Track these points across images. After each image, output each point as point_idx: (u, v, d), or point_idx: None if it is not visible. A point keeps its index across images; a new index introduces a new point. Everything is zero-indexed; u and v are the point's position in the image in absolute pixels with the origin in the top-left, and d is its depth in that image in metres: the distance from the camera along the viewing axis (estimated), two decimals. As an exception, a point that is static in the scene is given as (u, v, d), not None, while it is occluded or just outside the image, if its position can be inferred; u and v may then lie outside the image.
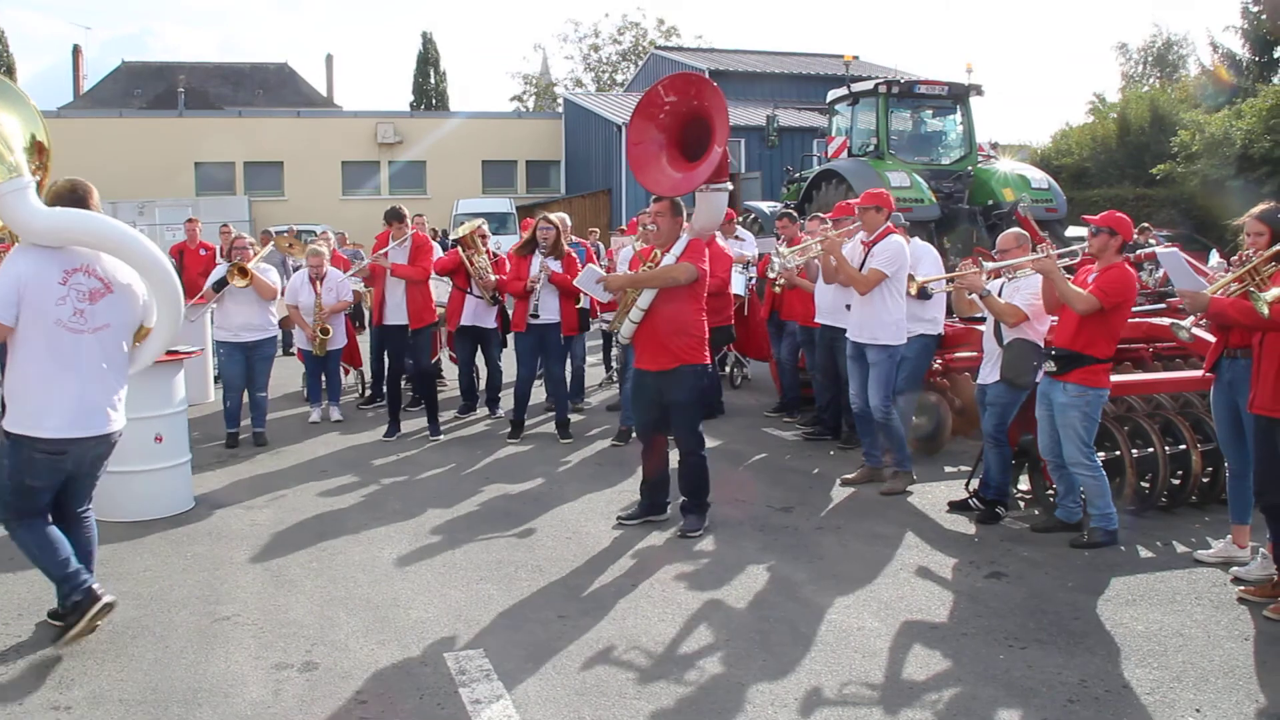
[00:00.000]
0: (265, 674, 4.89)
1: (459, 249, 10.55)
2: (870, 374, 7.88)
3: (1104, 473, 6.67)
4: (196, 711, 4.53)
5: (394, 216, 9.92)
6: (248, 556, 6.61)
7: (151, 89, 52.08)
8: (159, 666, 4.97)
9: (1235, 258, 6.00)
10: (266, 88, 56.74)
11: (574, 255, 10.02)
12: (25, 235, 4.96)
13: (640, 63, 47.74)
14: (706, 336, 7.05)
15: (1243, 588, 5.81)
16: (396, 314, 9.84)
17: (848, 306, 8.18)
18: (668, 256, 6.78)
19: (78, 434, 5.02)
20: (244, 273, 9.53)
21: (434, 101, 57.52)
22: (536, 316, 9.63)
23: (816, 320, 9.22)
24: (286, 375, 13.15)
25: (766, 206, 19.37)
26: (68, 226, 4.95)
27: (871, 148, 17.42)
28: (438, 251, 11.91)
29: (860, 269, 7.84)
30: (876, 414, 7.88)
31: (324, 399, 10.98)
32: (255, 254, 9.89)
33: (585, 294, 9.29)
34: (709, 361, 7.08)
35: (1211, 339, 6.29)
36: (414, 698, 4.64)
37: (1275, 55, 30.99)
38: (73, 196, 5.06)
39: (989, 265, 7.01)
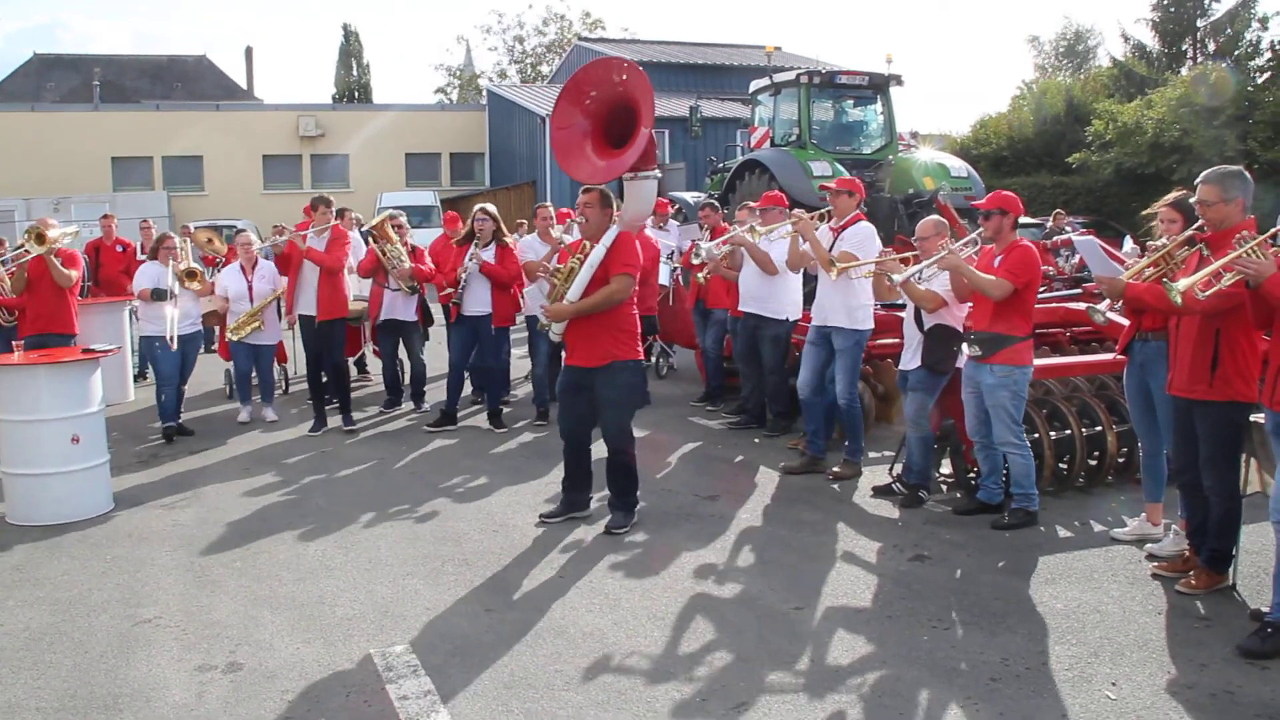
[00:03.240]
0: (188, 676, 4.82)
1: (373, 242, 10.46)
2: (838, 361, 7.92)
3: (1031, 452, 6.80)
4: (117, 717, 4.46)
5: (320, 202, 9.84)
6: (169, 557, 6.51)
7: (65, 82, 50.78)
8: (78, 673, 4.88)
9: (1149, 244, 6.13)
10: (185, 80, 55.56)
11: (510, 248, 9.94)
12: None
13: (564, 54, 47.52)
14: (639, 331, 7.00)
15: (1156, 564, 5.97)
16: (309, 305, 9.75)
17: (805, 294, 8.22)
18: (596, 249, 6.65)
19: None
20: (193, 275, 9.95)
21: (357, 94, 56.82)
22: (458, 304, 9.69)
23: (740, 308, 9.27)
24: (207, 373, 12.93)
25: (690, 197, 19.41)
26: None
27: (794, 137, 17.52)
28: (359, 244, 11.79)
29: (830, 253, 7.85)
30: (842, 400, 7.94)
31: (255, 397, 10.78)
32: (184, 254, 9.99)
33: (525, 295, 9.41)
34: (641, 357, 7.01)
35: (1125, 322, 6.43)
36: (340, 695, 4.61)
37: (1183, 47, 31.71)
38: None
39: (896, 279, 7.01)
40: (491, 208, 9.99)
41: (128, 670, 4.90)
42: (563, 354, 7.31)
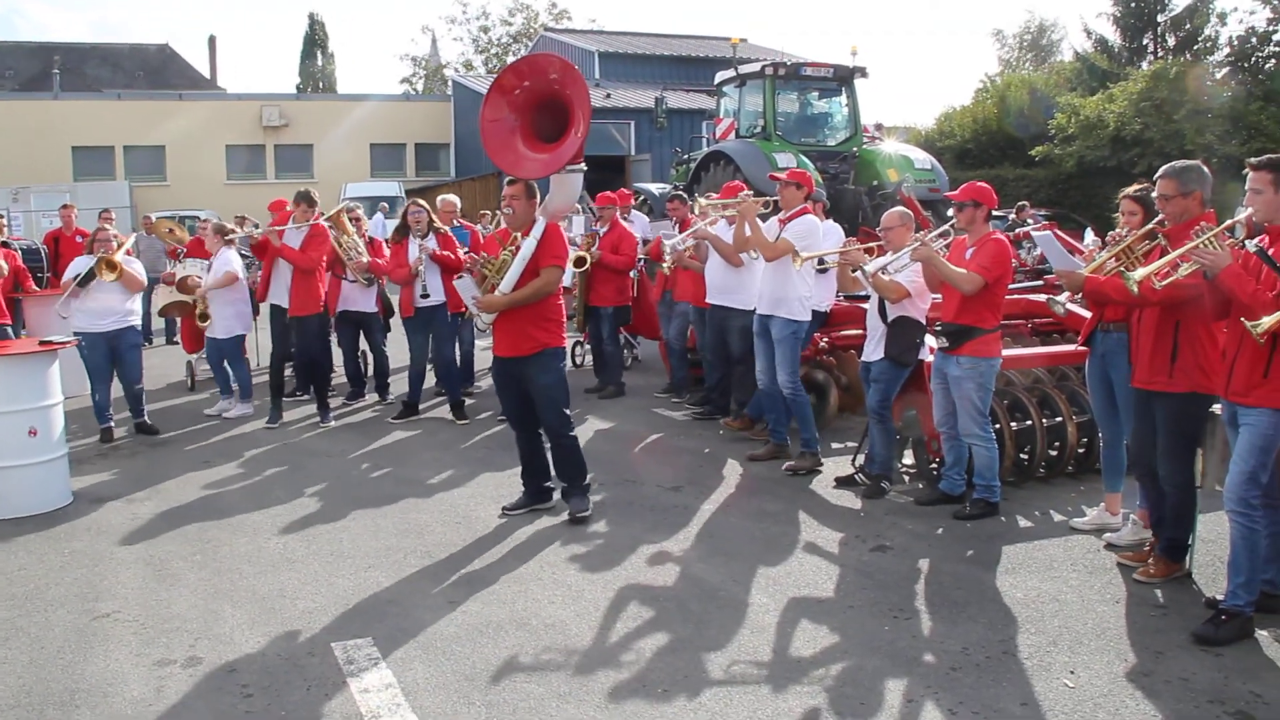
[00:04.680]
0: (147, 671, 4.78)
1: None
2: (776, 352, 7.92)
3: (996, 444, 6.84)
4: (74, 713, 4.41)
5: (304, 199, 9.72)
6: (128, 551, 6.45)
7: (25, 70, 50.22)
8: (34, 668, 4.83)
9: (1110, 235, 6.18)
10: (147, 69, 55.02)
11: (449, 234, 10.00)
12: None
13: (530, 45, 47.36)
14: (564, 319, 7.03)
15: (1120, 554, 6.01)
16: (280, 295, 9.67)
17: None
18: (527, 241, 6.64)
19: None
20: (112, 266, 9.12)
21: (321, 84, 56.47)
22: (427, 296, 9.72)
23: (707, 300, 9.28)
24: (169, 365, 12.86)
25: (656, 188, 19.42)
26: None
27: (759, 129, 17.57)
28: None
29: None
30: (785, 390, 7.93)
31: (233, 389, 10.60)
32: (119, 245, 9.54)
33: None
34: (565, 344, 7.05)
35: (1086, 314, 6.48)
36: (301, 689, 4.58)
37: (1144, 42, 31.98)
38: None
39: (869, 268, 7.03)
40: (443, 198, 10.01)
41: (85, 665, 4.85)
42: None
